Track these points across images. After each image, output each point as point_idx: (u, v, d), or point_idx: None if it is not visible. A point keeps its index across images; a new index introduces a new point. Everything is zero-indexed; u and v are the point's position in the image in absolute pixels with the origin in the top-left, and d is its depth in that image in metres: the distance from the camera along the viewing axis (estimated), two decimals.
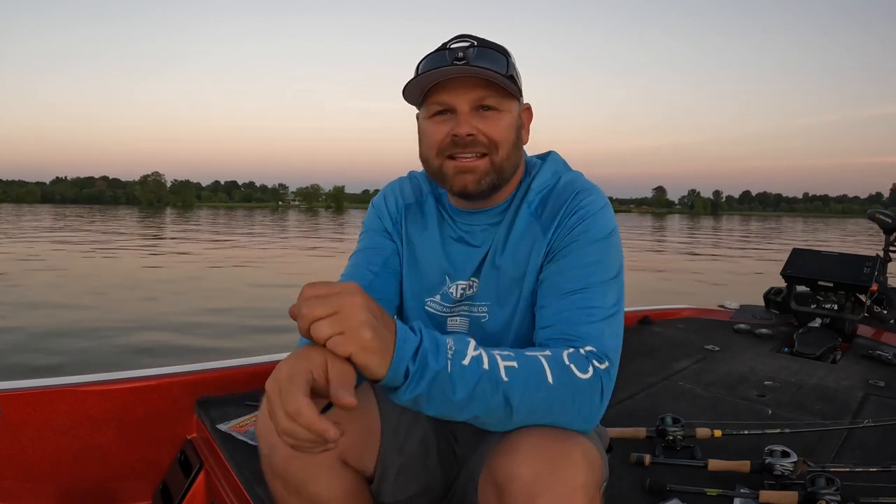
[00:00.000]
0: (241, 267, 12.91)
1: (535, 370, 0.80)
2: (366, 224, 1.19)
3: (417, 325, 0.77)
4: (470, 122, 0.97)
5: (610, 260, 0.98)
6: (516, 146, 1.03)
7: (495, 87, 0.97)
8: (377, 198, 1.22)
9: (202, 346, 5.75)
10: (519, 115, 1.04)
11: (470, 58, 0.95)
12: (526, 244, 1.03)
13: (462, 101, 0.97)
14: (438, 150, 1.00)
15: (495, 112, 0.99)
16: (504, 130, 0.99)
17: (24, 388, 1.62)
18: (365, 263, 1.12)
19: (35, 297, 8.33)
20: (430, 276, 1.10)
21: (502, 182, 1.02)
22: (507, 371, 0.78)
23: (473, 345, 0.79)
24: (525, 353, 0.82)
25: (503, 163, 1.00)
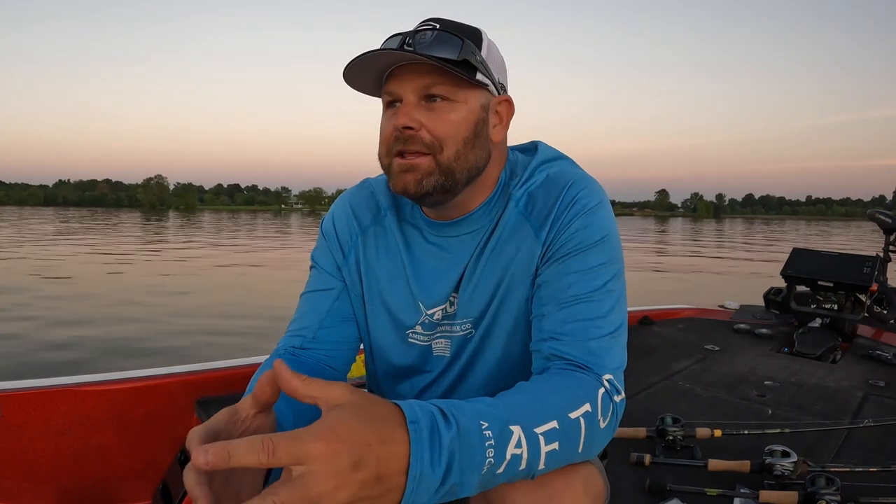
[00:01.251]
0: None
1: (573, 444, 0.72)
2: (314, 257, 1.04)
3: (444, 436, 0.58)
4: (411, 114, 0.84)
5: (613, 260, 0.89)
6: (472, 144, 0.88)
7: (446, 75, 0.84)
8: (325, 223, 1.05)
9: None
10: (483, 107, 0.89)
11: (421, 43, 0.83)
12: (513, 247, 0.92)
13: (407, 90, 0.85)
14: (387, 146, 0.87)
15: (445, 103, 0.85)
16: (452, 125, 0.85)
17: (24, 388, 1.63)
18: (311, 310, 0.99)
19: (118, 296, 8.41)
20: (404, 308, 0.98)
21: (455, 185, 0.87)
22: (548, 457, 0.68)
23: (516, 438, 0.64)
24: (570, 415, 0.71)
25: (451, 163, 0.86)
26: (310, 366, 0.95)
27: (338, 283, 1.01)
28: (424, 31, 0.84)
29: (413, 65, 0.84)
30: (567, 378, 0.78)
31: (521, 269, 0.91)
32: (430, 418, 0.58)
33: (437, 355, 0.99)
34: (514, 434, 0.64)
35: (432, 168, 0.85)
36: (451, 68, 0.82)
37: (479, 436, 0.60)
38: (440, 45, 0.83)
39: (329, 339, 0.97)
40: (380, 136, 0.89)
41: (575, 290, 0.85)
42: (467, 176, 0.89)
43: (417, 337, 0.99)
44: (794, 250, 3.76)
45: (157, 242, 21.54)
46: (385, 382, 1.07)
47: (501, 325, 0.94)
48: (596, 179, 0.94)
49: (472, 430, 0.60)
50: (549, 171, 0.96)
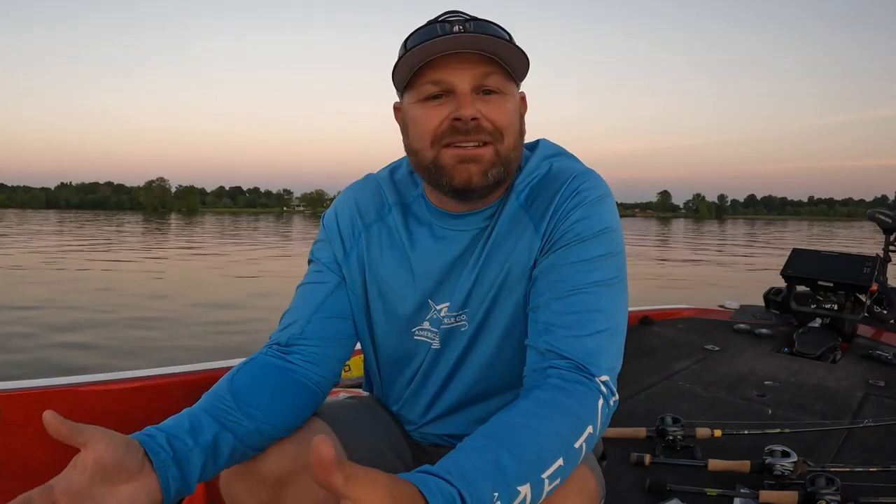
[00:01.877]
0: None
1: (573, 467, 0.73)
2: (314, 251, 1.02)
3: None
4: (474, 104, 0.82)
5: (614, 254, 0.87)
6: (521, 135, 0.90)
7: (498, 67, 0.83)
8: (328, 216, 1.03)
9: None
10: (521, 100, 0.91)
11: (469, 30, 0.81)
12: (512, 240, 0.90)
13: (462, 80, 0.82)
14: (434, 138, 0.84)
15: (498, 95, 0.84)
16: (510, 114, 0.85)
17: (24, 388, 1.63)
18: (302, 304, 0.96)
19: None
20: (411, 304, 0.96)
21: (506, 177, 0.88)
22: (549, 493, 0.69)
23: (523, 496, 0.66)
24: (575, 445, 0.72)
25: (510, 153, 0.86)
26: (285, 367, 0.91)
27: (334, 278, 0.98)
28: (465, 20, 0.83)
29: (465, 55, 0.82)
30: (569, 394, 0.76)
31: (519, 264, 0.90)
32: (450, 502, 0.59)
33: (433, 349, 0.98)
34: (521, 494, 0.65)
35: (495, 158, 0.85)
36: (513, 54, 0.82)
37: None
38: (494, 31, 0.83)
39: (318, 335, 0.94)
40: (420, 128, 0.86)
41: (572, 282, 0.83)
42: (516, 166, 0.90)
43: (423, 334, 0.97)
44: (794, 250, 3.76)
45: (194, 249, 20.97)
46: (386, 381, 1.07)
47: (498, 319, 0.93)
48: (600, 174, 0.93)
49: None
50: (552, 165, 0.94)
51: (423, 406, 1.02)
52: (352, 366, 2.16)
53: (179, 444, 0.75)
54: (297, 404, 0.90)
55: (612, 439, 1.87)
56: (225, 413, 0.82)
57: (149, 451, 0.71)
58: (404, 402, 1.05)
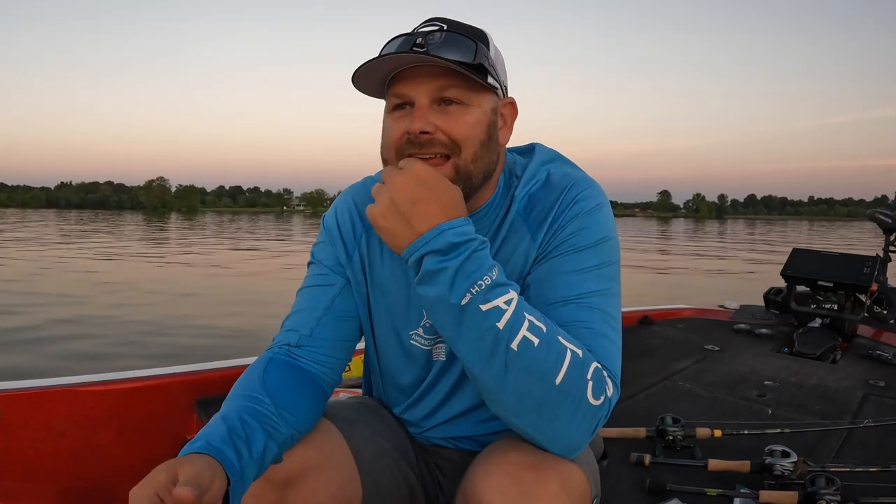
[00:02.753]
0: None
1: (551, 361, 0.73)
2: (315, 253, 1.03)
3: (476, 237, 0.75)
4: (426, 118, 0.82)
5: (608, 266, 0.86)
6: (486, 147, 0.87)
7: (460, 78, 0.82)
8: (328, 218, 1.04)
9: None
10: (493, 110, 0.88)
11: (432, 44, 0.81)
12: (510, 249, 0.91)
13: (420, 94, 0.83)
14: (396, 150, 0.85)
15: (459, 106, 0.84)
16: (469, 127, 0.84)
17: (24, 388, 1.63)
18: (309, 306, 0.97)
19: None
20: (406, 310, 0.97)
21: (471, 189, 0.87)
22: (523, 343, 0.72)
23: (511, 297, 0.73)
24: (559, 335, 0.75)
25: (468, 166, 0.85)
26: (302, 369, 0.93)
27: (339, 280, 0.99)
28: (433, 31, 0.83)
29: (424, 67, 0.82)
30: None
31: (516, 272, 0.90)
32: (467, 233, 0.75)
33: (436, 360, 0.98)
34: (509, 292, 0.74)
35: (451, 174, 0.84)
36: (468, 72, 0.81)
37: (489, 267, 0.74)
38: (454, 46, 0.82)
39: (326, 336, 0.95)
40: (385, 139, 0.87)
41: (566, 292, 0.83)
42: (482, 179, 0.88)
43: (419, 340, 0.98)
44: (794, 250, 3.76)
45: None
46: (386, 384, 1.07)
47: None
48: (596, 182, 0.93)
49: (486, 258, 0.75)
50: (550, 172, 0.94)
51: (426, 412, 1.03)
52: (352, 366, 2.16)
53: (244, 459, 0.75)
54: (317, 405, 0.92)
55: (612, 439, 1.87)
56: (267, 419, 0.82)
57: (227, 472, 0.72)
58: (407, 406, 1.05)
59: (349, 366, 2.26)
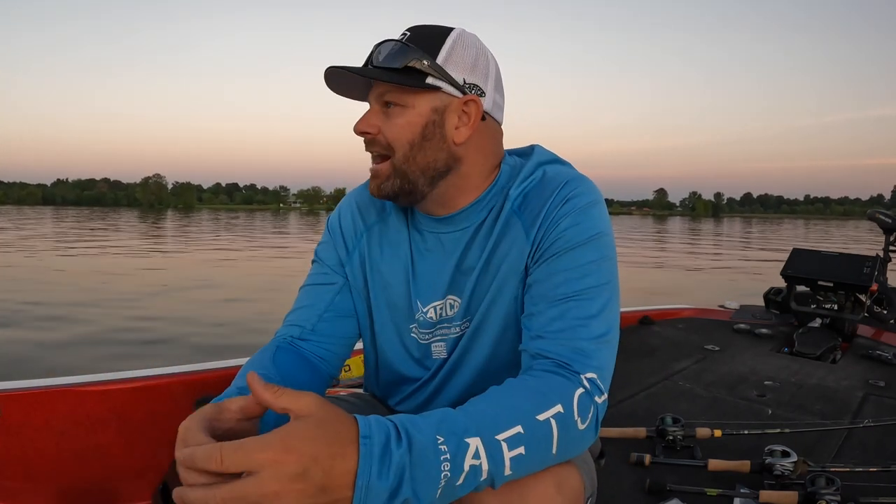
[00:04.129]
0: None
1: (543, 446, 0.71)
2: (318, 252, 1.07)
3: (395, 453, 0.60)
4: (368, 120, 0.91)
5: (605, 261, 0.88)
6: (420, 147, 0.90)
7: (394, 84, 0.88)
8: (332, 218, 1.08)
9: None
10: (435, 110, 0.89)
11: (377, 56, 0.89)
12: (506, 246, 0.93)
13: (371, 98, 0.92)
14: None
15: (396, 108, 0.90)
16: (398, 128, 0.89)
17: (24, 388, 1.62)
18: (311, 303, 1.01)
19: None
20: (403, 304, 1.00)
21: (413, 186, 0.91)
22: (513, 462, 0.68)
23: (474, 448, 0.65)
24: (538, 417, 0.71)
25: (401, 165, 0.90)
26: (306, 358, 0.97)
27: (339, 279, 1.03)
28: (387, 42, 0.89)
29: (366, 73, 0.88)
30: (541, 379, 0.77)
31: (511, 268, 0.92)
32: (385, 434, 0.60)
33: (436, 357, 0.99)
34: (471, 446, 0.65)
35: (389, 172, 0.91)
36: (389, 77, 0.86)
37: (433, 450, 0.62)
38: (389, 56, 0.88)
39: (327, 332, 0.99)
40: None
41: (565, 289, 0.85)
42: (423, 177, 0.91)
43: (417, 334, 1.00)
44: (794, 250, 3.77)
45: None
46: (383, 379, 1.08)
47: (491, 324, 0.94)
48: (592, 181, 0.94)
49: (426, 445, 0.62)
50: (546, 171, 0.96)
51: (418, 405, 1.04)
52: (352, 366, 2.16)
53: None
54: (319, 392, 0.94)
55: (613, 439, 1.87)
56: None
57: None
58: (401, 400, 1.07)
59: (349, 365, 2.26)
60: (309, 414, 0.59)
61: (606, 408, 0.81)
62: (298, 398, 0.60)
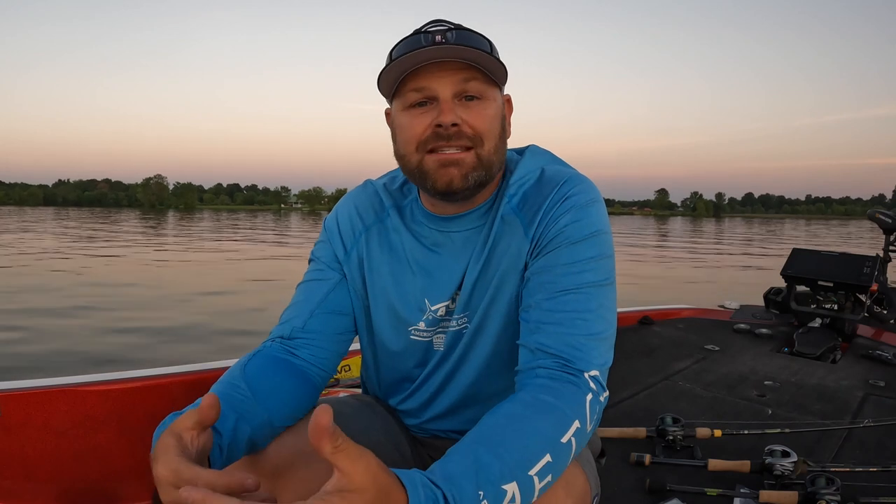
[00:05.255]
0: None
1: (565, 463, 0.73)
2: (314, 251, 1.06)
3: (448, 501, 0.60)
4: (455, 111, 0.86)
5: (604, 258, 0.88)
6: (502, 139, 0.92)
7: (479, 73, 0.86)
8: (329, 219, 1.07)
9: None
10: (503, 104, 0.93)
11: (450, 40, 0.84)
12: (505, 242, 0.93)
13: (444, 87, 0.86)
14: (418, 144, 0.88)
15: (479, 101, 0.88)
16: (490, 120, 0.88)
17: (24, 388, 1.62)
18: (304, 299, 1.00)
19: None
20: (409, 303, 0.99)
21: (489, 179, 0.91)
22: (541, 490, 0.69)
23: (511, 494, 0.65)
24: (562, 441, 0.72)
25: (490, 157, 0.89)
26: (292, 364, 0.94)
27: (334, 275, 1.01)
28: (446, 30, 0.86)
29: (447, 63, 0.85)
30: (553, 392, 0.76)
31: (511, 265, 0.93)
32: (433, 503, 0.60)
33: (436, 350, 1.00)
34: (507, 493, 0.65)
35: (475, 162, 0.88)
36: (490, 63, 0.85)
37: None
38: (471, 41, 0.85)
39: (318, 329, 0.97)
40: (405, 135, 0.89)
41: (563, 283, 0.85)
42: (498, 169, 0.93)
43: (420, 333, 1.00)
44: (794, 250, 3.76)
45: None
46: (383, 380, 1.08)
47: (493, 320, 0.95)
48: (590, 179, 0.95)
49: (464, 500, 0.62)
50: (544, 170, 0.97)
51: (421, 404, 1.04)
52: (352, 366, 2.16)
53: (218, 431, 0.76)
54: (303, 396, 0.93)
55: (612, 439, 1.87)
56: (241, 402, 0.82)
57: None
58: (402, 399, 1.06)
59: (349, 365, 2.26)
60: (362, 489, 0.55)
61: (608, 401, 0.83)
62: (360, 465, 0.56)
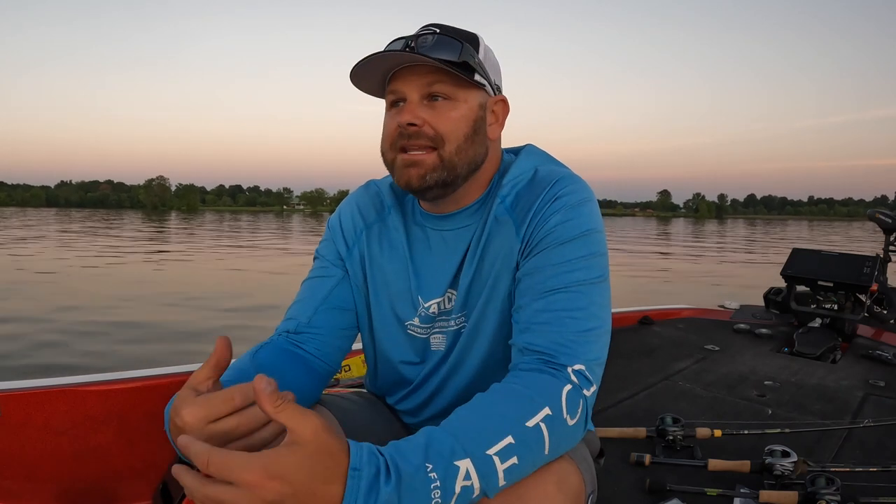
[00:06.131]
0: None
1: (535, 451, 0.72)
2: (318, 249, 1.08)
3: (383, 490, 0.59)
4: (415, 112, 0.88)
5: (595, 257, 0.88)
6: (472, 141, 0.92)
7: (447, 75, 0.88)
8: (332, 218, 1.10)
9: None
10: (481, 106, 0.93)
11: (423, 46, 0.87)
12: (498, 242, 0.94)
13: (411, 90, 0.89)
14: (391, 142, 0.91)
15: (446, 102, 0.89)
16: (453, 122, 0.90)
17: (24, 388, 1.63)
18: (308, 296, 1.02)
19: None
20: (404, 300, 1.01)
21: (455, 179, 0.92)
22: (507, 473, 0.69)
23: (464, 471, 0.65)
24: (527, 424, 0.71)
25: (453, 157, 0.90)
26: (299, 356, 0.96)
27: (338, 272, 1.04)
28: (426, 35, 0.89)
29: (416, 66, 0.88)
30: (526, 382, 0.77)
31: (504, 265, 0.93)
32: (374, 468, 0.60)
33: (434, 350, 1.00)
34: (460, 469, 0.65)
35: (436, 163, 0.89)
36: (451, 69, 0.86)
37: (422, 480, 0.62)
38: (441, 47, 0.88)
39: (323, 325, 0.99)
40: (383, 133, 0.94)
41: (553, 282, 0.85)
42: (467, 170, 0.93)
43: (415, 329, 1.01)
44: (794, 250, 3.76)
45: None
46: (383, 378, 1.09)
47: (489, 320, 0.95)
48: (584, 180, 0.95)
49: (415, 476, 0.62)
50: (538, 170, 0.98)
51: (420, 402, 1.05)
52: (352, 366, 2.16)
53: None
54: (310, 388, 0.95)
55: (613, 439, 1.87)
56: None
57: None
58: (403, 396, 1.07)
59: (349, 365, 2.27)
60: (304, 442, 0.57)
61: (596, 395, 0.82)
62: (300, 420, 0.57)
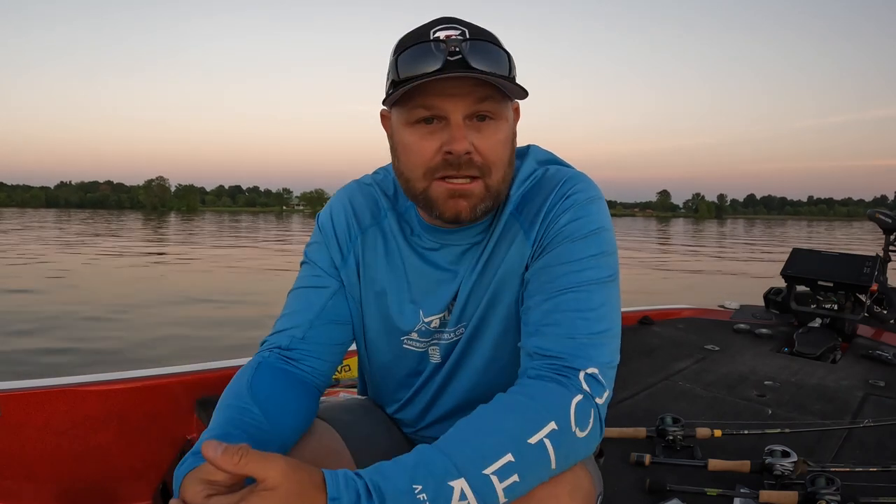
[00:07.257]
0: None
1: (539, 468, 0.68)
2: (308, 253, 0.98)
3: (371, 491, 0.59)
4: (467, 138, 0.78)
5: (605, 256, 0.84)
6: (511, 163, 0.86)
7: (495, 90, 0.78)
8: (323, 216, 0.99)
9: None
10: (513, 119, 0.86)
11: (465, 52, 0.75)
12: (504, 248, 0.89)
13: (456, 109, 0.77)
14: (426, 171, 0.81)
15: (491, 122, 0.80)
16: (501, 147, 0.82)
17: (24, 388, 1.63)
18: (302, 308, 0.93)
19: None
20: (401, 313, 0.95)
21: (497, 205, 0.86)
22: (508, 491, 0.65)
23: (459, 491, 0.62)
24: (529, 441, 0.67)
25: (499, 186, 0.83)
26: (293, 374, 0.90)
27: (333, 283, 0.95)
28: (455, 36, 0.77)
29: (460, 77, 0.76)
30: (532, 392, 0.73)
31: (511, 271, 0.89)
32: (354, 495, 0.58)
33: (431, 361, 0.97)
34: (454, 489, 0.62)
35: (483, 193, 0.82)
36: (502, 85, 0.77)
37: (410, 501, 0.60)
38: (487, 56, 0.77)
39: (318, 340, 0.92)
40: (411, 157, 0.82)
41: (563, 281, 0.81)
42: (506, 195, 0.88)
43: (413, 343, 0.97)
44: (794, 250, 3.76)
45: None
46: (379, 388, 1.06)
47: (491, 327, 0.92)
48: (591, 179, 0.92)
49: (401, 498, 0.59)
50: (545, 171, 0.93)
51: (418, 411, 1.02)
52: (351, 365, 2.16)
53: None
54: (307, 407, 0.89)
55: (613, 439, 1.87)
56: (253, 425, 0.78)
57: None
58: (399, 406, 1.04)
59: (348, 364, 2.26)
60: (275, 486, 0.55)
61: (610, 399, 0.78)
62: (265, 466, 0.55)
